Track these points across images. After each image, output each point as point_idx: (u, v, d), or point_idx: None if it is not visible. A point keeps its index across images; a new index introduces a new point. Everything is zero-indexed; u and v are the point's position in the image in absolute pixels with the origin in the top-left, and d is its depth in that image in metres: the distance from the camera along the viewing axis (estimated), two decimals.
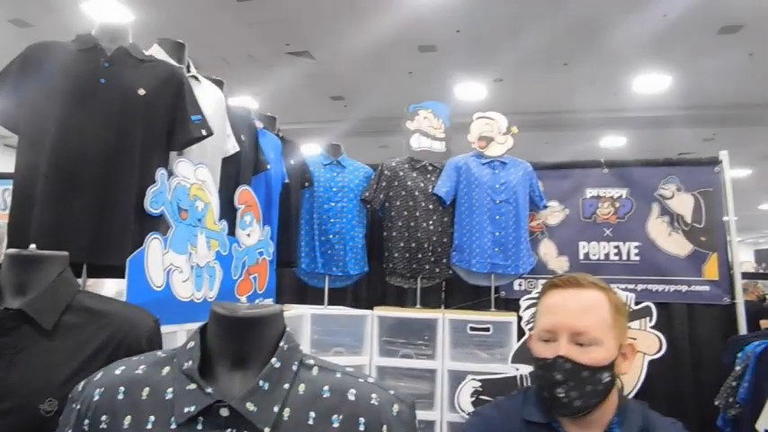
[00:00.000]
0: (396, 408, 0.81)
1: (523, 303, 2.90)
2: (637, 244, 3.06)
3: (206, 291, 1.92)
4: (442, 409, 2.65)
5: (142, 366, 0.85)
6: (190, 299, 1.80)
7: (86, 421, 0.81)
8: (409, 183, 3.00)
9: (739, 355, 2.44)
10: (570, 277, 1.13)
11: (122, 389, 0.82)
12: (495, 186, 2.92)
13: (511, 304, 2.98)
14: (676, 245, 3.03)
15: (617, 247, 3.08)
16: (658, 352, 2.70)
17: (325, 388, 0.80)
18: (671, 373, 2.78)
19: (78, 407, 0.83)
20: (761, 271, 9.57)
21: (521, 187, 2.94)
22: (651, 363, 2.65)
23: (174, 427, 0.77)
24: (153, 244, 1.64)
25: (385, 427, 0.79)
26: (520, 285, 3.08)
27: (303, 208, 3.03)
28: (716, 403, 2.47)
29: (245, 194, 2.27)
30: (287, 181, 2.78)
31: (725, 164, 3.07)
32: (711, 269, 2.98)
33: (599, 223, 3.13)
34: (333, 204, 3.02)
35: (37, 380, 0.97)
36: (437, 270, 2.97)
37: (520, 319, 2.83)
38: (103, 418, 0.80)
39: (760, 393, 2.17)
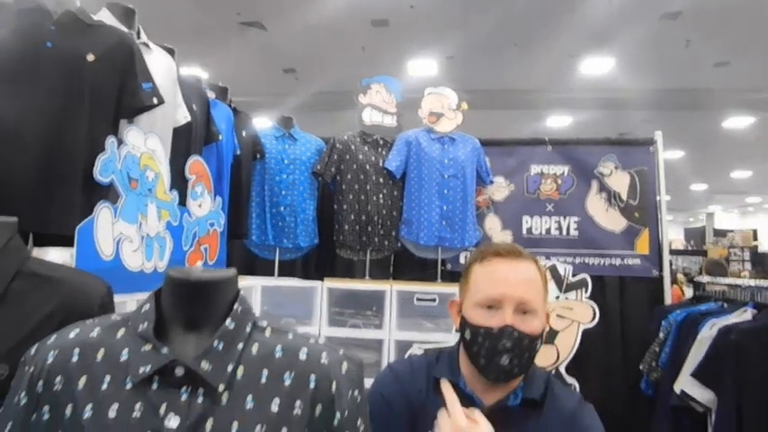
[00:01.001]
0: (345, 366, 0.86)
1: None
2: (576, 219, 3.22)
3: (156, 261, 1.92)
4: None
5: (96, 329, 0.87)
6: (140, 269, 1.80)
7: (40, 383, 0.82)
8: (360, 156, 3.04)
9: (663, 323, 2.64)
10: (510, 247, 1.16)
11: (77, 351, 0.83)
12: (444, 161, 3.00)
13: (456, 276, 3.07)
14: (612, 220, 3.21)
15: (558, 221, 3.23)
16: (592, 321, 2.88)
17: (278, 348, 0.85)
18: (602, 340, 2.97)
19: (31, 369, 0.84)
20: (689, 248, 10.15)
21: (469, 163, 3.04)
22: (585, 332, 2.82)
23: (129, 387, 0.79)
24: (103, 212, 1.63)
25: (334, 384, 0.84)
26: (465, 258, 3.20)
27: (254, 180, 3.03)
28: (640, 368, 2.67)
29: (196, 165, 2.26)
30: (238, 153, 2.77)
31: (659, 144, 3.25)
32: (643, 244, 3.18)
33: (542, 199, 3.27)
34: (284, 177, 3.04)
35: None
36: (386, 243, 3.04)
37: None
38: (57, 379, 0.82)
39: (679, 358, 2.36)
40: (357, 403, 0.86)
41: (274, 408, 0.80)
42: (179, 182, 2.11)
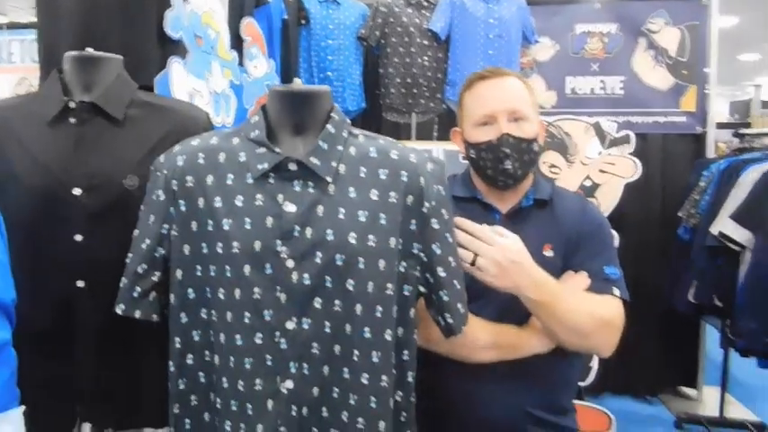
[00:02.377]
0: (430, 165, 0.99)
1: None
2: (622, 78, 3.21)
3: (224, 117, 2.06)
4: None
5: (214, 137, 1.00)
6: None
7: (174, 182, 0.96)
8: (404, 19, 3.04)
9: (704, 173, 2.72)
10: (493, 68, 1.28)
11: (201, 154, 0.97)
12: (489, 21, 2.98)
13: None
14: (659, 78, 3.19)
15: (602, 81, 3.23)
16: (634, 175, 2.97)
17: (372, 149, 0.97)
18: (644, 194, 3.07)
19: (165, 172, 0.97)
20: (734, 120, 9.88)
21: (514, 22, 3.01)
22: (627, 186, 2.93)
23: (250, 181, 0.93)
24: (175, 66, 1.74)
25: (422, 179, 0.96)
26: None
27: (300, 46, 3.08)
28: (679, 214, 2.79)
29: (249, 27, 2.33)
30: (285, 17, 2.81)
31: None
32: (689, 101, 3.18)
33: (587, 58, 3.24)
34: (330, 42, 3.07)
35: (117, 161, 1.14)
36: (431, 105, 3.11)
37: None
38: (189, 178, 0.96)
39: (719, 202, 2.47)
40: (442, 196, 0.99)
41: (373, 197, 0.94)
42: (236, 43, 2.19)
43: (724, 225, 2.34)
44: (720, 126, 3.52)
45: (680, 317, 2.93)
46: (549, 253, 1.20)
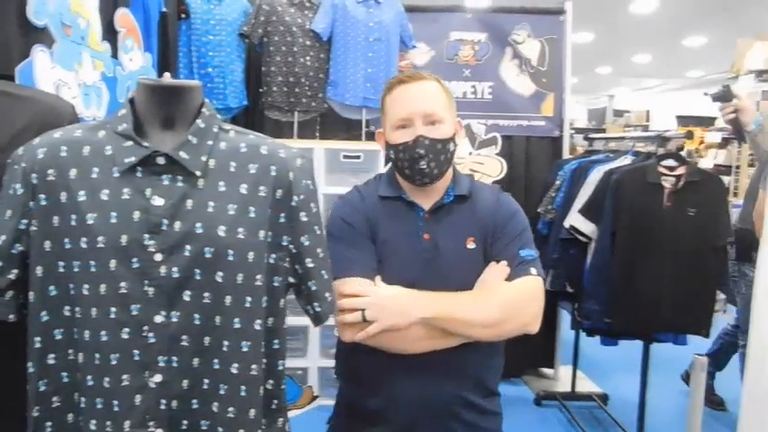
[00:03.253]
0: (299, 161, 1.03)
1: None
2: (490, 84, 3.48)
3: (94, 110, 1.99)
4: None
5: (78, 131, 0.97)
6: (79, 116, 1.87)
7: (33, 175, 0.93)
8: (287, 18, 3.08)
9: (560, 172, 3.02)
10: (412, 72, 1.36)
11: (64, 147, 0.94)
12: (369, 24, 3.10)
13: None
14: (523, 85, 3.49)
15: (473, 86, 3.48)
16: (500, 174, 3.24)
17: (242, 144, 1.00)
18: (509, 191, 3.32)
19: (23, 165, 0.93)
20: (591, 126, 10.92)
21: (393, 27, 3.15)
22: (494, 183, 3.17)
23: (116, 175, 0.92)
24: (39, 56, 1.66)
25: (291, 174, 1.00)
26: None
27: (180, 41, 3.02)
28: (538, 210, 3.08)
29: (124, 18, 2.26)
30: (164, 10, 2.75)
31: (569, 15, 3.48)
32: (548, 107, 3.51)
33: (460, 64, 3.47)
34: (211, 38, 3.04)
35: None
36: (313, 104, 3.18)
37: None
38: (50, 171, 0.93)
39: (570, 199, 2.76)
40: (310, 190, 1.03)
41: (243, 191, 0.97)
42: (109, 34, 2.13)
43: (574, 219, 2.63)
44: (579, 131, 3.92)
45: None
46: (471, 245, 1.29)
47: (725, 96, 2.10)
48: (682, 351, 2.62)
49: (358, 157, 3.09)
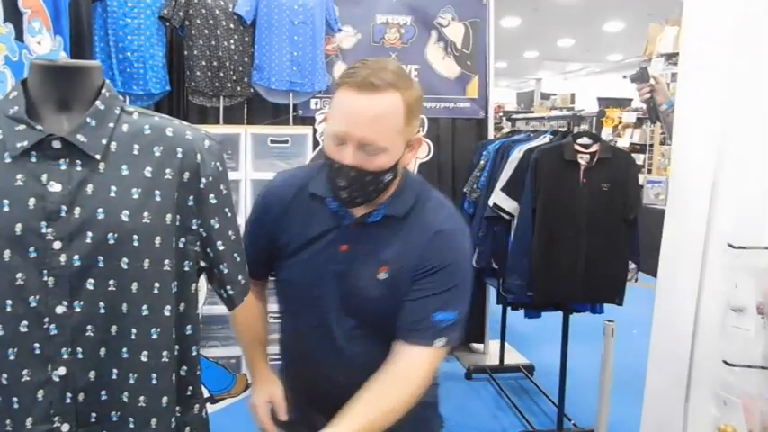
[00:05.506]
0: (207, 142, 1.00)
1: (318, 117, 3.26)
2: (417, 66, 3.52)
3: None
4: (245, 216, 2.99)
5: None
6: None
7: None
8: (209, 1, 3.01)
9: (484, 153, 3.11)
10: (367, 81, 1.03)
11: None
12: (294, 8, 3.07)
13: (307, 121, 3.32)
14: (448, 67, 3.56)
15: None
16: (427, 156, 3.30)
17: (146, 127, 0.97)
18: (436, 171, 3.42)
19: None
20: (519, 109, 11.27)
21: (318, 10, 3.13)
22: (421, 165, 3.24)
23: (8, 161, 0.87)
24: None
25: (199, 155, 0.98)
26: (316, 104, 3.40)
27: (96, 24, 2.89)
28: (464, 190, 3.17)
29: None
30: None
31: None
32: (473, 89, 3.59)
33: (386, 47, 3.49)
34: (128, 21, 2.92)
35: None
36: (239, 88, 3.13)
37: (315, 131, 3.19)
38: None
39: (494, 178, 2.85)
40: (219, 172, 1.01)
41: (147, 174, 0.93)
42: (13, 16, 2.02)
43: (496, 197, 2.72)
44: (506, 114, 4.04)
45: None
46: (383, 275, 1.14)
47: (642, 77, 2.22)
48: (600, 319, 2.77)
49: (286, 142, 3.07)
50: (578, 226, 2.50)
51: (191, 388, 1.03)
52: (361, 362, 1.14)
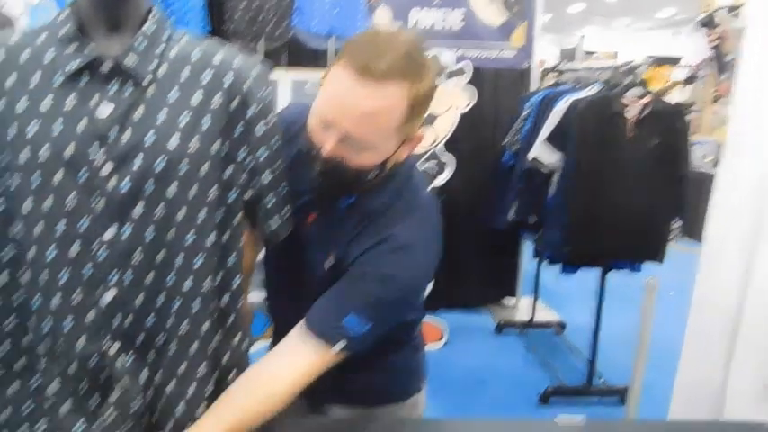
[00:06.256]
0: (256, 70, 0.97)
1: None
2: (461, 12, 3.39)
3: None
4: None
5: (15, 36, 0.90)
6: None
7: None
8: None
9: (527, 104, 3.02)
10: (369, 66, 0.88)
11: (2, 51, 0.87)
12: None
13: None
14: (493, 14, 3.42)
15: (444, 14, 3.39)
16: (468, 106, 3.21)
17: (196, 51, 0.94)
18: (476, 123, 3.34)
19: None
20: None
21: None
22: (462, 117, 3.16)
23: (59, 82, 0.86)
24: None
25: (247, 82, 0.95)
26: None
27: None
28: (504, 142, 3.09)
29: None
30: None
31: None
32: (519, 37, 3.46)
33: None
34: None
35: None
36: (279, 32, 3.06)
37: None
38: None
39: (536, 130, 2.77)
40: (267, 101, 0.98)
41: (195, 101, 0.91)
42: None
43: (539, 149, 2.64)
44: (548, 70, 3.90)
45: (504, 237, 3.30)
46: (329, 263, 1.05)
47: (711, 23, 2.09)
48: (635, 279, 2.72)
49: None
50: (623, 180, 2.42)
51: (232, 318, 1.03)
52: None
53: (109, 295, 0.91)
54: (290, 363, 0.99)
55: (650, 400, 2.07)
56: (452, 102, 3.17)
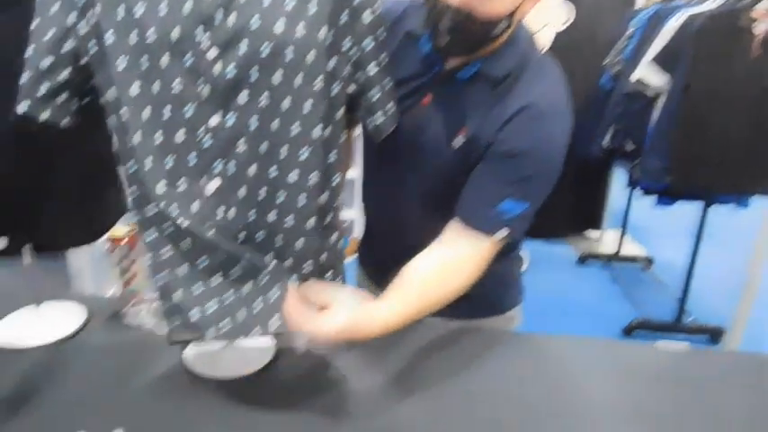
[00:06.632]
0: None
1: None
2: None
3: None
4: None
5: None
6: None
7: None
8: None
9: (632, 21, 2.76)
10: None
11: None
12: None
13: None
14: None
15: None
16: (565, 24, 2.99)
17: None
18: (573, 43, 3.10)
19: None
20: None
21: None
22: (558, 35, 2.95)
23: None
24: None
25: None
26: None
27: None
28: (604, 63, 2.87)
29: None
30: None
31: None
32: None
33: None
34: None
35: None
36: None
37: None
38: None
39: (641, 52, 2.53)
40: None
41: (289, 6, 0.86)
42: None
43: (644, 70, 2.42)
44: None
45: (590, 166, 3.10)
46: (458, 141, 0.98)
47: None
48: (733, 221, 2.53)
49: None
50: (739, 105, 2.19)
51: (330, 216, 1.00)
52: (418, 228, 0.99)
53: (213, 185, 0.90)
54: (463, 267, 0.97)
55: (748, 340, 1.96)
56: (548, 19, 2.95)
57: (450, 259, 0.97)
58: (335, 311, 0.85)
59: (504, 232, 0.96)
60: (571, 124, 0.97)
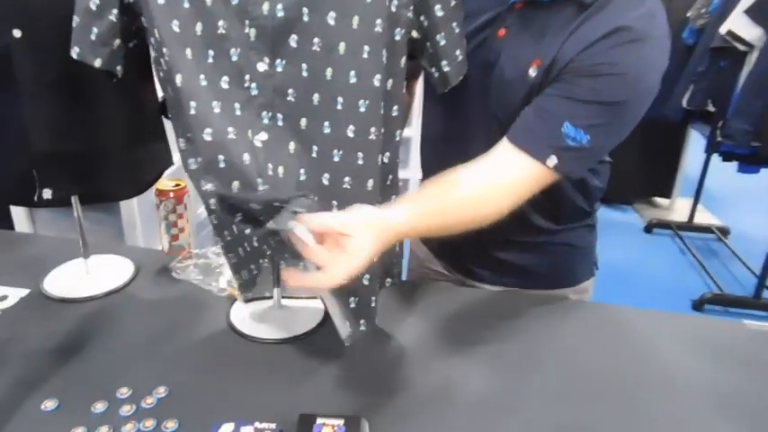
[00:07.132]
0: None
1: None
2: None
3: None
4: None
5: None
6: None
7: None
8: None
9: None
10: None
11: None
12: None
13: None
14: None
15: None
16: None
17: None
18: None
19: None
20: None
21: None
22: None
23: None
24: None
25: None
26: None
27: None
28: (688, 15, 2.62)
29: None
30: None
31: None
32: None
33: None
34: None
35: None
36: None
37: None
38: None
39: (731, 2, 2.29)
40: None
41: None
42: None
43: (735, 22, 2.19)
44: None
45: (664, 129, 2.87)
46: (533, 71, 0.87)
47: None
48: None
49: None
50: None
51: (391, 176, 0.92)
52: None
53: (261, 138, 0.82)
54: (505, 192, 0.85)
55: None
56: None
57: (496, 182, 0.85)
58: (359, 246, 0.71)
59: (553, 161, 0.83)
60: (666, 59, 0.83)
